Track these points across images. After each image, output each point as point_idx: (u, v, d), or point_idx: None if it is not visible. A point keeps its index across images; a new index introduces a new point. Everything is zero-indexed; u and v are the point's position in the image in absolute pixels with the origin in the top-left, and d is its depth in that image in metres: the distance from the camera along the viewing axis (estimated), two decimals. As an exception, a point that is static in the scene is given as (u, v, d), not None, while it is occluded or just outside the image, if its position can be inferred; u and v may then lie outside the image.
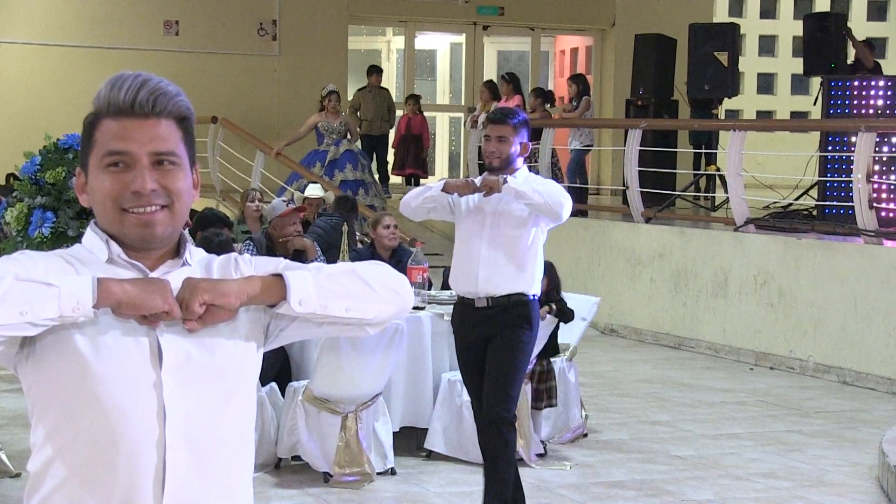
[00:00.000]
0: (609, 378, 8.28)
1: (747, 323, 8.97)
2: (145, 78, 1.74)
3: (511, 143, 4.60)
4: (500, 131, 4.61)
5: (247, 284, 1.74)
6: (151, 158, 1.73)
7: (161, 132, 1.74)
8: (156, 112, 1.73)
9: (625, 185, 10.45)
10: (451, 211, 4.70)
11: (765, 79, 35.14)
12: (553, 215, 4.52)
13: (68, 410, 1.69)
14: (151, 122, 1.73)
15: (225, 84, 14.44)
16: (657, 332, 9.77)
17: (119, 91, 1.73)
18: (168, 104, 1.74)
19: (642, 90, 12.46)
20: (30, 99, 13.92)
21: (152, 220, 1.73)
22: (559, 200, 4.51)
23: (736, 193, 9.25)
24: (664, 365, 8.85)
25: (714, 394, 7.80)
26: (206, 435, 1.72)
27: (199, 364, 1.73)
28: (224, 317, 1.72)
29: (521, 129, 4.62)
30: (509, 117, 4.63)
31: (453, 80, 18.43)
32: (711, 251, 9.31)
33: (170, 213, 1.75)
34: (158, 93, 1.73)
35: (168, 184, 1.74)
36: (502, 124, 4.61)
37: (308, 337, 1.87)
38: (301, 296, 1.75)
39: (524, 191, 4.51)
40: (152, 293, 1.67)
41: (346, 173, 11.32)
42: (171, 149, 1.75)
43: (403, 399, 5.88)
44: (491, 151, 4.61)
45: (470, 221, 4.66)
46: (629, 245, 10.10)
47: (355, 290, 1.80)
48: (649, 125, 10.70)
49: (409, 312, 1.89)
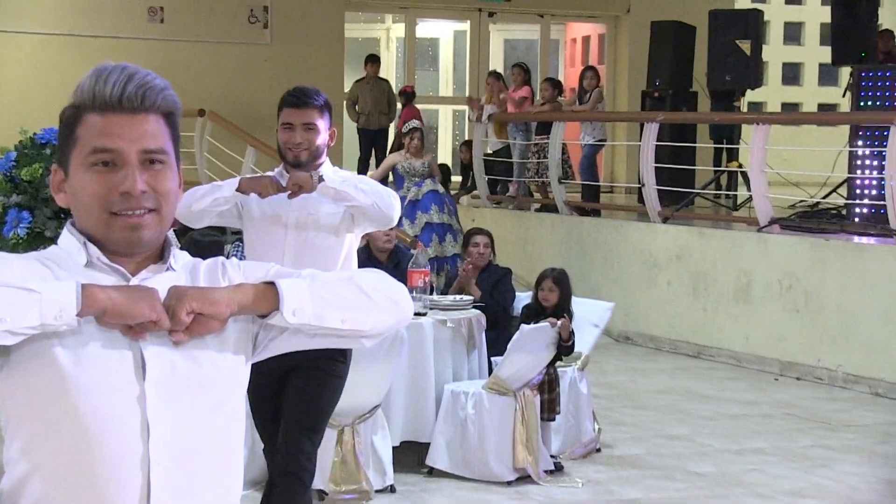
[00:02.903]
0: (623, 389, 8.27)
1: (772, 330, 8.96)
2: (132, 70, 1.74)
3: (318, 130, 4.01)
4: (305, 116, 3.99)
5: (237, 293, 1.74)
6: (141, 157, 1.73)
7: (150, 128, 1.74)
8: (144, 107, 1.73)
9: (640, 183, 10.44)
10: (238, 216, 4.12)
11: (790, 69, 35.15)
12: (383, 219, 4.01)
13: (45, 425, 1.69)
14: (140, 118, 1.73)
15: (213, 75, 14.45)
16: (675, 340, 9.76)
17: (105, 84, 1.72)
18: (157, 98, 1.74)
19: (659, 81, 12.46)
20: (3, 91, 13.93)
21: (140, 224, 1.73)
22: (389, 201, 3.99)
23: (759, 191, 9.24)
24: (682, 375, 8.84)
25: (736, 406, 7.79)
26: (193, 451, 1.72)
27: (185, 376, 1.73)
28: (213, 327, 1.72)
29: (327, 113, 4.04)
30: (314, 98, 4.01)
31: (457, 70, 18.43)
32: (733, 253, 9.30)
33: (158, 217, 1.75)
34: (147, 86, 1.73)
35: (157, 185, 1.74)
36: (307, 108, 3.99)
37: (299, 348, 1.87)
38: (295, 306, 1.75)
39: (346, 190, 3.95)
40: (139, 301, 1.67)
41: (432, 215, 10.11)
42: (160, 146, 1.75)
43: (404, 411, 5.88)
44: (297, 143, 4.00)
45: (265, 230, 4.08)
46: (645, 247, 10.10)
47: (352, 300, 1.80)
48: (666, 118, 10.69)
49: (408, 322, 1.90)
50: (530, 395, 5.82)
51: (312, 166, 4.03)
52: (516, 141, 12.22)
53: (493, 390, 5.78)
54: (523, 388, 5.81)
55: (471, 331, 6.08)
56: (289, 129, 4.01)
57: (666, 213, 10.16)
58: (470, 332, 6.08)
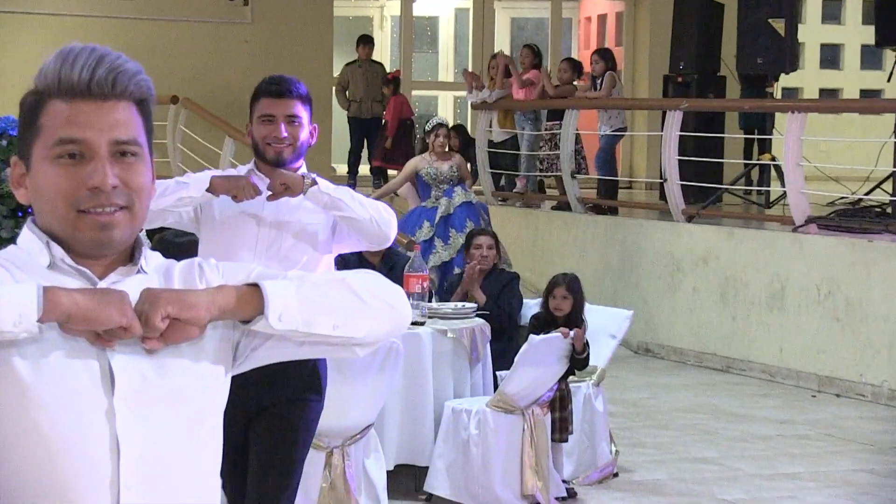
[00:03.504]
0: (644, 407, 8.28)
1: (809, 341, 8.97)
2: (102, 52, 1.74)
3: (303, 124, 3.89)
4: (288, 108, 3.87)
5: (217, 295, 1.74)
6: (111, 149, 1.74)
7: (121, 117, 1.75)
8: (115, 93, 1.74)
9: (662, 178, 10.46)
10: (195, 219, 3.96)
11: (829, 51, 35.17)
12: (379, 237, 3.89)
13: (4, 443, 1.69)
14: (110, 105, 1.74)
15: (187, 57, 14.47)
16: (701, 352, 9.77)
17: (72, 67, 1.73)
18: (129, 84, 1.75)
19: (683, 64, 12.47)
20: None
21: (111, 223, 1.74)
22: (387, 217, 3.88)
23: (795, 187, 9.25)
24: (709, 391, 8.85)
25: (769, 426, 7.80)
26: (167, 472, 1.73)
27: (158, 390, 1.74)
28: (190, 334, 1.72)
29: (309, 105, 3.93)
30: (296, 86, 3.89)
31: (458, 53, 18.45)
32: (765, 256, 9.32)
33: (129, 216, 1.76)
34: (118, 70, 1.74)
35: (129, 179, 1.75)
36: (290, 97, 3.87)
37: (285, 358, 1.88)
38: (281, 310, 1.75)
39: (341, 198, 3.81)
40: (108, 305, 1.67)
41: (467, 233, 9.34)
42: (132, 136, 1.76)
43: (399, 432, 5.88)
44: (280, 138, 3.86)
45: (228, 239, 3.91)
46: (667, 248, 10.11)
47: (345, 304, 1.80)
48: (691, 106, 10.70)
49: (405, 330, 1.90)
50: (540, 413, 5.82)
51: (292, 167, 3.90)
52: (524, 131, 12.23)
53: (499, 408, 5.79)
54: (532, 405, 5.81)
55: (474, 342, 6.09)
56: (269, 122, 3.88)
57: (691, 212, 10.17)
58: (473, 344, 6.09)
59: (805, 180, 9.47)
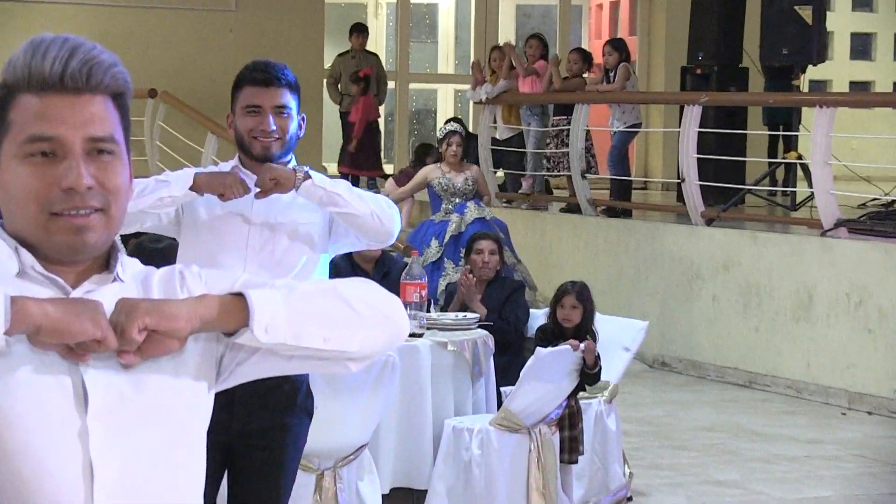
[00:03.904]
0: (660, 425, 8.28)
1: (838, 354, 8.97)
2: (75, 43, 1.74)
3: (292, 115, 3.84)
4: (276, 97, 3.82)
5: (199, 306, 1.74)
6: (86, 146, 1.74)
7: (97, 112, 1.75)
8: (90, 87, 1.74)
9: (680, 178, 10.47)
10: (176, 221, 3.90)
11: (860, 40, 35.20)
12: (382, 233, 3.84)
13: (-30, 466, 1.69)
14: (85, 100, 1.74)
15: (167, 48, 14.48)
16: (722, 366, 9.77)
17: (44, 59, 1.73)
18: (104, 76, 1.75)
19: (702, 55, 12.49)
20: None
21: (85, 226, 1.74)
22: (390, 212, 3.83)
23: (823, 188, 9.26)
24: (731, 408, 8.85)
25: (795, 446, 7.80)
26: (144, 497, 1.73)
27: (135, 408, 1.74)
28: (170, 347, 1.72)
29: (297, 94, 3.87)
30: (284, 74, 3.84)
31: (459, 43, 18.48)
32: (791, 262, 9.32)
33: (105, 219, 1.76)
34: (93, 62, 1.74)
35: (106, 180, 1.75)
36: (278, 86, 3.82)
37: (272, 374, 1.88)
38: (268, 321, 1.75)
39: (339, 193, 3.77)
40: (81, 316, 1.67)
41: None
42: (108, 133, 1.76)
43: (396, 452, 5.89)
44: (268, 131, 3.81)
45: (214, 243, 3.85)
46: (685, 253, 10.12)
47: (336, 315, 1.80)
48: (711, 100, 10.71)
49: (402, 342, 1.90)
50: (548, 432, 5.83)
51: (281, 163, 3.84)
52: (530, 127, 12.23)
53: (504, 427, 5.79)
54: (539, 424, 5.81)
55: (476, 355, 6.09)
56: (255, 114, 3.81)
57: (711, 214, 10.18)
58: (475, 357, 6.08)
59: (834, 180, 9.47)
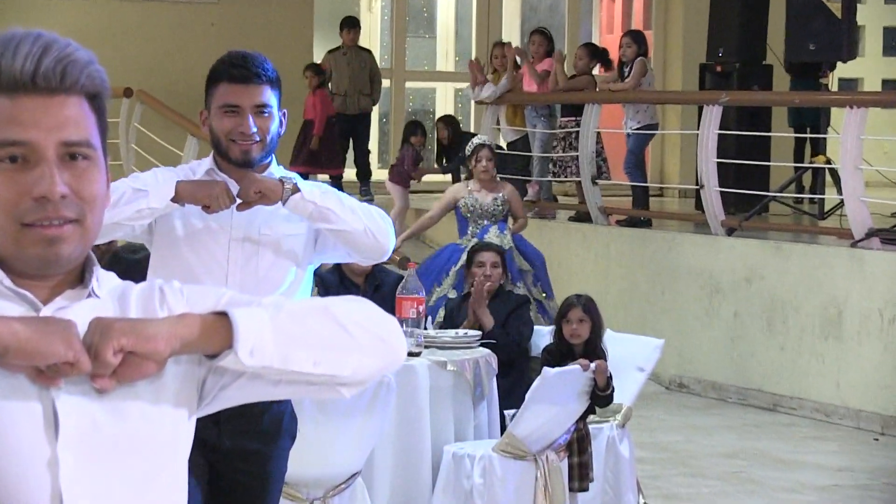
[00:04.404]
0: (677, 451, 8.28)
1: (870, 375, 8.97)
2: (48, 40, 1.74)
3: (273, 115, 3.77)
4: (256, 95, 3.74)
5: (179, 326, 1.74)
6: (60, 151, 1.74)
7: (72, 114, 1.75)
8: (64, 87, 1.74)
9: (698, 184, 10.47)
10: (149, 230, 3.85)
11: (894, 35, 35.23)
12: (376, 250, 3.78)
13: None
14: (59, 101, 1.74)
15: (143, 44, 14.50)
16: (744, 388, 9.77)
17: (14, 57, 1.73)
18: (80, 76, 1.75)
19: (722, 51, 12.49)
20: None
21: (59, 237, 1.74)
22: (384, 226, 3.77)
23: (853, 194, 9.26)
24: (754, 433, 8.85)
25: (824, 474, 7.80)
26: (120, 533, 1.73)
27: (110, 436, 1.74)
28: (148, 370, 1.72)
29: (278, 90, 3.80)
30: (265, 68, 3.76)
31: (460, 38, 18.49)
32: (820, 275, 9.32)
33: (80, 230, 1.76)
34: (68, 60, 1.74)
35: (81, 188, 1.75)
36: (259, 83, 3.74)
37: (258, 399, 1.88)
38: (253, 343, 1.75)
39: (330, 207, 3.69)
40: (51, 336, 1.67)
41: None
42: (84, 137, 1.76)
43: (391, 480, 5.88)
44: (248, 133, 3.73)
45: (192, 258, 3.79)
46: (704, 266, 10.11)
47: (327, 337, 1.80)
48: (732, 100, 10.71)
49: (399, 366, 1.90)
50: (555, 459, 5.83)
51: (262, 167, 3.80)
52: (536, 129, 12.24)
53: (508, 453, 5.79)
54: (546, 450, 5.81)
55: (478, 376, 6.09)
56: (233, 114, 3.75)
57: (732, 223, 10.18)
58: (477, 378, 6.08)
59: (865, 186, 9.47)
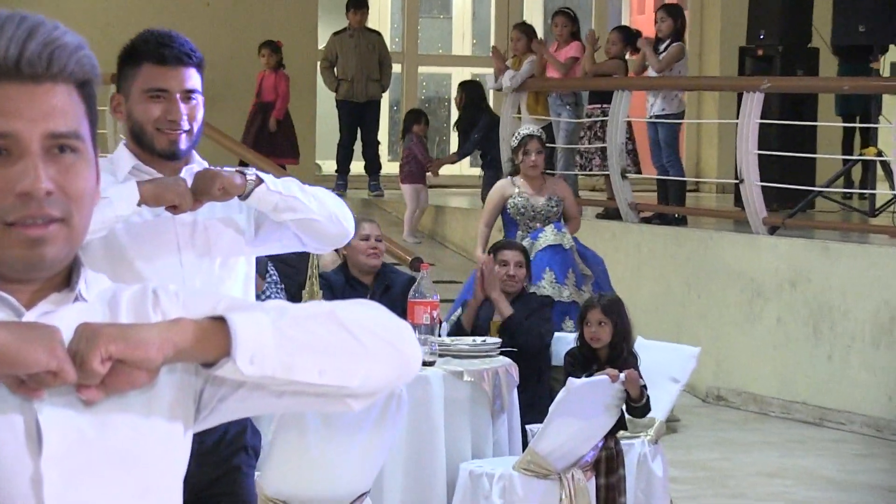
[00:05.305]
0: (715, 469, 8.27)
1: (925, 386, 8.96)
2: (34, 22, 1.74)
3: (200, 102, 3.73)
4: (185, 79, 3.68)
5: (173, 332, 1.74)
6: (46, 143, 1.74)
7: (59, 103, 1.75)
8: (51, 73, 1.74)
9: (738, 178, 10.46)
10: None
11: (950, 15, 35.19)
12: (339, 238, 3.84)
13: None
14: (45, 89, 1.74)
15: (133, 26, 14.41)
16: (788, 401, 9.76)
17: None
18: (69, 61, 1.75)
19: (764, 34, 12.48)
20: None
21: (44, 238, 1.74)
22: (346, 212, 3.81)
23: (907, 190, 9.25)
24: (798, 450, 8.84)
25: (875, 494, 7.79)
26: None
27: (98, 452, 1.74)
28: (138, 380, 1.72)
29: (202, 73, 3.76)
30: (191, 49, 3.73)
31: (477, 19, 18.51)
32: (870, 277, 9.30)
33: (66, 230, 1.76)
34: (55, 44, 1.74)
35: (68, 184, 1.75)
36: (187, 65, 3.69)
37: (260, 412, 1.89)
38: (253, 350, 1.75)
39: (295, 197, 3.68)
40: (33, 343, 1.67)
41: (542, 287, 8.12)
42: (72, 128, 1.76)
43: (402, 501, 5.89)
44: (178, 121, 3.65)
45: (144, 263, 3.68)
46: (745, 268, 10.10)
47: (334, 344, 1.80)
48: (775, 86, 10.70)
49: (414, 376, 1.90)
50: (582, 478, 5.82)
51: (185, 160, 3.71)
52: (561, 118, 12.23)
53: (530, 471, 5.79)
54: (572, 468, 5.81)
55: (497, 387, 6.09)
56: (159, 100, 3.67)
57: (774, 221, 10.17)
58: (496, 390, 6.08)
59: (920, 181, 9.47)
